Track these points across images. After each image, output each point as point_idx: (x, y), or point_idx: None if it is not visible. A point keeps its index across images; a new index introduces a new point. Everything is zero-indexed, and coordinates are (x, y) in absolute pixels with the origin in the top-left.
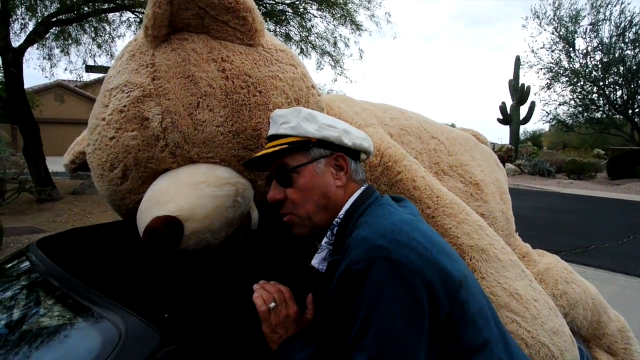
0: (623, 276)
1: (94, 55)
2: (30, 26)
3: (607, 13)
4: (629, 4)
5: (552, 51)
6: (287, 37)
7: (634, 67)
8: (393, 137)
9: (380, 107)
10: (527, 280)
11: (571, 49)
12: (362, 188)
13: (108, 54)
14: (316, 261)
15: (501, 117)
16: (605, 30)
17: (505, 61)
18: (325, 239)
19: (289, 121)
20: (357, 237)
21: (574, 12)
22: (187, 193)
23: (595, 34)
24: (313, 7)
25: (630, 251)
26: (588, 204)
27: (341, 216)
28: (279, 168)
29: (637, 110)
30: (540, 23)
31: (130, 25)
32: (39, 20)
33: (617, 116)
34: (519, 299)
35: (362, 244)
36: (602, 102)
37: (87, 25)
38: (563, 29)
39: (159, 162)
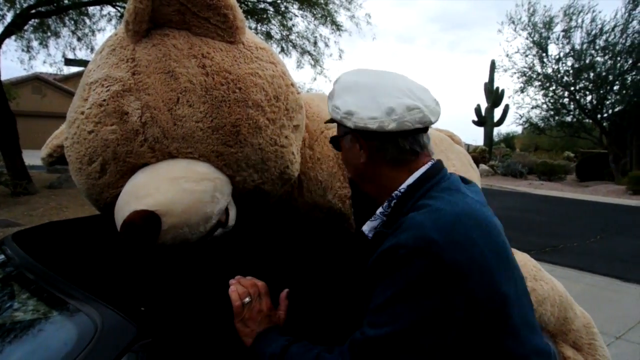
0: (589, 274)
1: (74, 49)
2: (9, 17)
3: (579, 21)
4: (599, 12)
5: (526, 56)
6: (268, 36)
7: (603, 74)
8: None
9: None
10: None
11: (544, 54)
12: (427, 165)
13: (88, 48)
14: (367, 228)
15: (476, 119)
16: (577, 37)
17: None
18: (380, 209)
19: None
20: (413, 220)
21: (547, 19)
22: (166, 188)
23: (567, 40)
24: (294, 6)
25: (597, 250)
26: (558, 205)
27: (402, 190)
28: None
29: (605, 115)
30: (515, 28)
31: (110, 19)
32: (18, 12)
33: (587, 120)
34: None
35: (415, 229)
36: (572, 106)
37: (66, 18)
38: (537, 35)
39: (138, 156)
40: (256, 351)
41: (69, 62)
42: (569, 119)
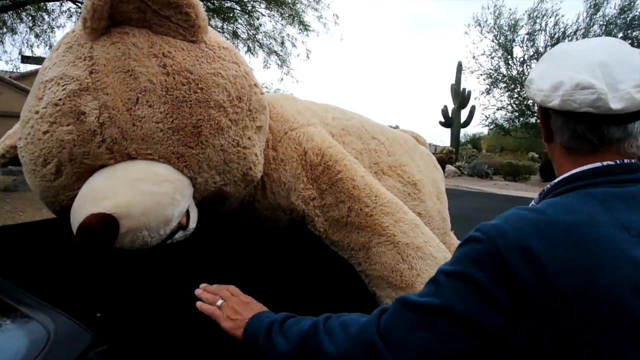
0: None
1: (32, 46)
2: None
3: (543, 24)
4: (562, 16)
5: (492, 58)
6: (235, 35)
7: None
8: (334, 136)
9: (323, 107)
10: None
11: (509, 56)
12: (599, 164)
13: (47, 45)
14: None
15: (443, 120)
16: (541, 40)
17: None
18: (536, 197)
19: None
20: (511, 212)
21: (512, 22)
22: (124, 190)
23: (531, 43)
24: (261, 5)
25: None
26: (522, 205)
27: (556, 181)
28: None
29: None
30: (481, 31)
31: (71, 16)
32: None
33: None
34: None
35: (502, 218)
36: (536, 107)
37: (24, 13)
38: (502, 37)
39: (95, 158)
40: (250, 334)
41: (26, 59)
42: (533, 120)
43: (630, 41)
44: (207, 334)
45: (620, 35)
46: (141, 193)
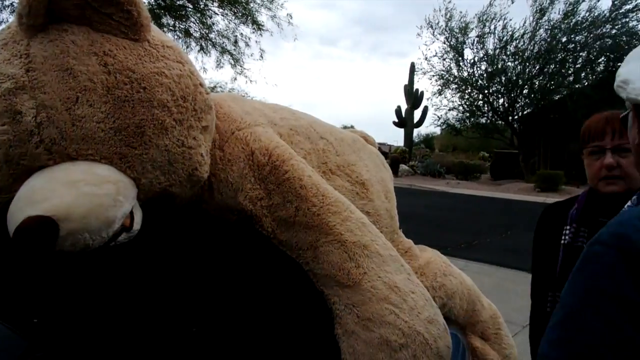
0: (501, 268)
1: None
2: None
3: (492, 27)
4: (510, 19)
5: (444, 59)
6: (187, 34)
7: (514, 78)
8: (282, 137)
9: (271, 107)
10: (406, 274)
11: (460, 58)
12: None
13: None
14: None
15: (397, 120)
16: (490, 43)
17: (401, 67)
18: (629, 202)
19: None
20: (628, 213)
21: (463, 25)
22: (63, 192)
23: (481, 45)
24: (214, 4)
25: (507, 245)
26: (473, 203)
27: None
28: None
29: (516, 117)
30: (434, 33)
31: (14, 11)
32: None
33: (500, 122)
34: (397, 291)
35: (623, 223)
36: (486, 108)
37: None
38: (453, 39)
39: (33, 159)
40: None
41: None
42: (483, 120)
43: (573, 45)
44: (146, 338)
45: (565, 39)
46: (82, 194)
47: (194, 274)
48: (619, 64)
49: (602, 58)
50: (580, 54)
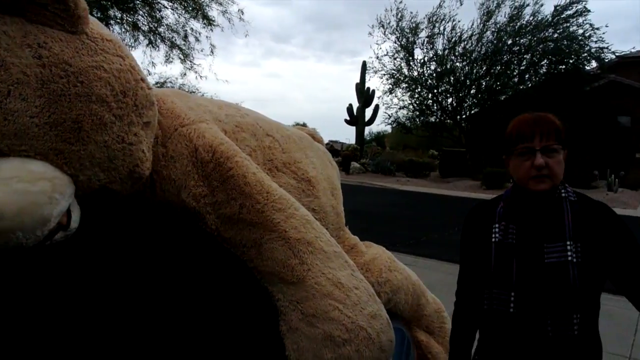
0: (447, 263)
1: None
2: None
3: (441, 28)
4: (459, 21)
5: (395, 59)
6: (135, 27)
7: (462, 78)
8: (227, 133)
9: (216, 103)
10: (350, 270)
11: (411, 58)
12: None
13: None
14: None
15: (348, 118)
16: (440, 44)
17: (353, 65)
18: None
19: None
20: None
21: (413, 25)
22: None
23: (431, 46)
24: None
25: (454, 241)
26: (422, 200)
27: None
28: None
29: (464, 116)
30: (385, 32)
31: None
32: None
33: (448, 121)
34: (341, 287)
35: None
36: (435, 107)
37: None
38: (404, 39)
39: None
40: None
41: None
42: (432, 119)
43: (518, 47)
44: (82, 336)
45: (510, 41)
46: (14, 192)
47: (135, 273)
48: (560, 66)
49: (545, 61)
50: (525, 56)
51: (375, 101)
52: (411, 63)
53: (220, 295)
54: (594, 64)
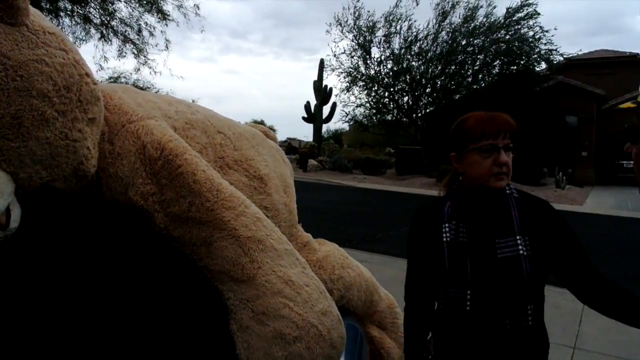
0: (402, 259)
1: None
2: None
3: (398, 27)
4: (415, 21)
5: (352, 57)
6: (86, 20)
7: (418, 77)
8: (177, 130)
9: (166, 99)
10: (301, 267)
11: (368, 56)
12: None
13: None
14: None
15: (306, 115)
16: (396, 43)
17: (311, 63)
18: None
19: None
20: None
21: (371, 24)
22: None
23: (387, 45)
24: None
25: None
26: (378, 197)
27: None
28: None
29: (419, 114)
30: (342, 30)
31: None
32: None
33: (404, 119)
34: (291, 285)
35: None
36: (392, 106)
37: None
38: (361, 38)
39: None
40: None
41: None
42: (389, 117)
43: (472, 48)
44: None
45: (464, 42)
46: None
47: (78, 273)
48: (512, 67)
49: (497, 61)
50: (478, 56)
51: (332, 99)
52: (368, 61)
53: (168, 295)
54: (543, 65)
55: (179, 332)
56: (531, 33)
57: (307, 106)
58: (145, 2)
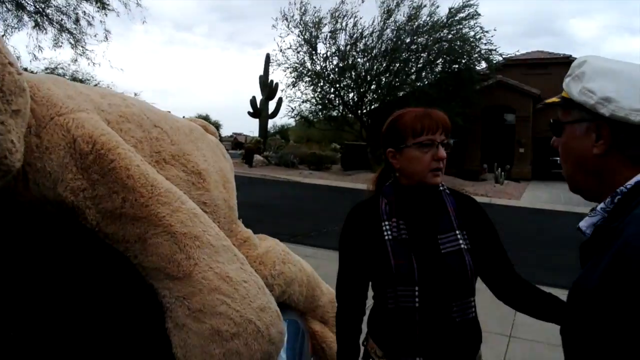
0: None
1: None
2: None
3: (344, 24)
4: (361, 18)
5: (298, 52)
6: (19, 7)
7: (363, 74)
8: (111, 124)
9: (99, 92)
10: (239, 263)
11: (314, 52)
12: None
13: None
14: (585, 224)
15: (252, 110)
16: (342, 39)
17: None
18: (602, 204)
19: (570, 74)
20: None
21: (317, 19)
22: None
23: (333, 41)
24: None
25: None
26: (324, 192)
27: (629, 186)
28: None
29: (365, 111)
30: (288, 25)
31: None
32: None
33: (350, 115)
34: (229, 281)
35: None
36: (338, 102)
37: None
38: (308, 33)
39: None
40: None
41: None
42: (335, 113)
43: (415, 46)
44: None
45: (408, 40)
46: None
47: (6, 273)
48: (454, 65)
49: (440, 60)
50: (422, 54)
51: (278, 94)
52: (314, 57)
53: (99, 294)
54: (483, 64)
55: (112, 332)
56: (472, 33)
57: (253, 101)
58: None
